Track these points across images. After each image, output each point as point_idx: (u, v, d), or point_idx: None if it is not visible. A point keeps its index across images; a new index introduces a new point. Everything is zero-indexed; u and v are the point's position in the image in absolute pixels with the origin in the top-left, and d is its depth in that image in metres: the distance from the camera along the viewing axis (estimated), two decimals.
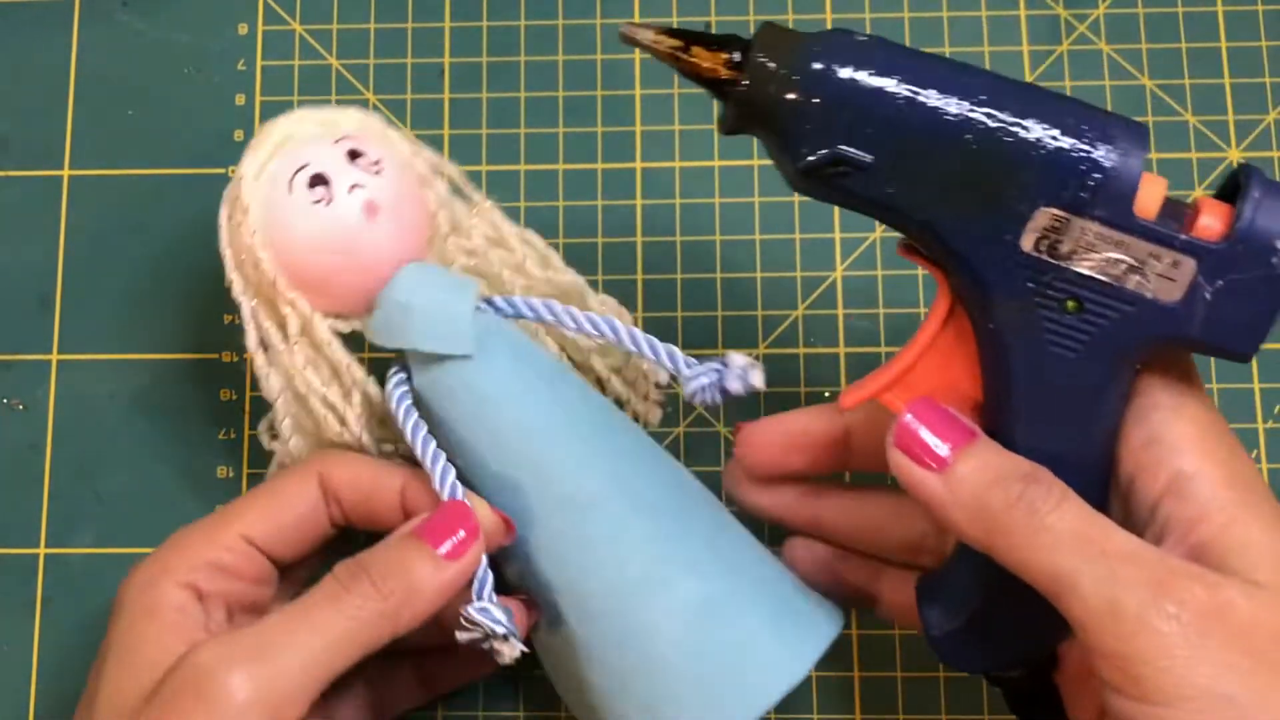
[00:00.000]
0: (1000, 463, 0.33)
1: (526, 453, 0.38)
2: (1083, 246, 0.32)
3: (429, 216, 0.41)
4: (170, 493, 0.47)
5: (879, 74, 0.32)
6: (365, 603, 0.35)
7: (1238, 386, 0.47)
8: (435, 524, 0.37)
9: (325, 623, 0.35)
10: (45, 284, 0.49)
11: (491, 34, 0.51)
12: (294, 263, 0.38)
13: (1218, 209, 0.33)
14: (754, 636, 0.38)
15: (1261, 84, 0.49)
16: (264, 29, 0.51)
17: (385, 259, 0.39)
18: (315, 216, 0.38)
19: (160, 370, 0.48)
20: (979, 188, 0.32)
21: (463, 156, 0.50)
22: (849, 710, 0.45)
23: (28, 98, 0.51)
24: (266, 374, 0.40)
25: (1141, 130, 0.32)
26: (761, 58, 0.33)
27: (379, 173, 0.39)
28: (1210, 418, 0.34)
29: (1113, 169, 0.32)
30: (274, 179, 0.39)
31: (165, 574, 0.37)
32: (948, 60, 0.34)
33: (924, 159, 0.32)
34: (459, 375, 0.38)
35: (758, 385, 0.40)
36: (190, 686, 0.33)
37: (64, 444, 0.48)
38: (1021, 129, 0.32)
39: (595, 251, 0.49)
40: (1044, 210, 0.32)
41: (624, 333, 0.40)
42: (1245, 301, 0.32)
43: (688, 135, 0.50)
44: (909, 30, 0.50)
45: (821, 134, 0.33)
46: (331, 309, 0.40)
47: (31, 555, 0.47)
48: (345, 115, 0.41)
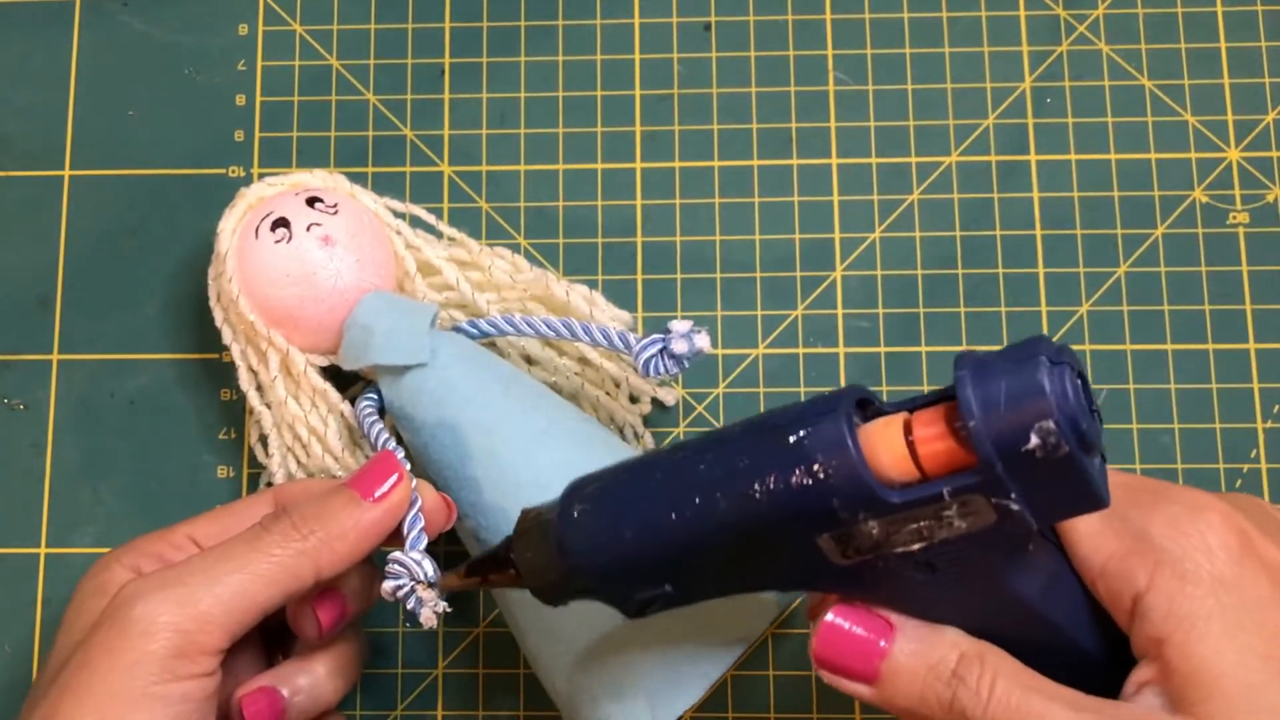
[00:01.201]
0: (926, 658, 0.33)
1: (485, 446, 0.41)
2: (883, 537, 0.30)
3: (392, 257, 0.44)
4: (170, 493, 0.47)
5: (614, 532, 0.33)
6: (285, 541, 0.37)
7: (1238, 386, 0.47)
8: (363, 473, 0.39)
9: (242, 557, 0.36)
10: (45, 284, 0.49)
11: (491, 34, 0.51)
12: (265, 300, 0.42)
13: (936, 426, 0.30)
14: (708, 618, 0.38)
15: (1261, 84, 0.49)
16: (264, 29, 0.51)
17: (345, 287, 0.42)
18: (278, 254, 0.42)
19: (160, 370, 0.48)
20: (765, 554, 0.32)
21: (463, 157, 0.50)
22: (849, 710, 0.45)
23: (28, 98, 0.51)
24: (259, 409, 0.44)
25: (840, 412, 0.30)
26: (524, 553, 0.35)
27: (336, 213, 0.43)
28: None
29: (837, 486, 0.30)
30: (245, 231, 0.43)
31: (114, 561, 0.39)
32: (666, 463, 0.33)
33: (704, 568, 0.33)
34: (420, 383, 0.41)
35: (703, 347, 0.41)
36: (111, 617, 0.35)
37: (64, 444, 0.48)
38: (747, 502, 0.31)
39: (595, 251, 0.49)
40: (823, 538, 0.31)
41: (577, 327, 0.43)
42: (1051, 485, 0.29)
43: (687, 135, 0.50)
44: (909, 30, 0.50)
45: (617, 588, 0.34)
46: (305, 344, 0.43)
47: (31, 555, 0.47)
48: (311, 176, 0.45)
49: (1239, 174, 0.49)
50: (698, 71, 0.50)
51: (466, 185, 0.49)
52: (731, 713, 0.45)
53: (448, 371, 0.41)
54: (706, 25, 0.51)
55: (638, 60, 0.50)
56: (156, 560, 0.38)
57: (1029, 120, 0.49)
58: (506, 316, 0.44)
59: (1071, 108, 0.49)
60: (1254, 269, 0.48)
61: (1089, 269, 0.48)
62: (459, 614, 0.45)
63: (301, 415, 0.43)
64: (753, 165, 0.49)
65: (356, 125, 0.50)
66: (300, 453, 0.44)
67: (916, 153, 0.49)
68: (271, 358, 0.43)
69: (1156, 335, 0.47)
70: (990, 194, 0.49)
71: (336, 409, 0.43)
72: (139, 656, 0.34)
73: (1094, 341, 0.47)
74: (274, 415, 0.44)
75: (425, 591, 0.38)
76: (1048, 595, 0.33)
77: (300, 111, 0.50)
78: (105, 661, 0.35)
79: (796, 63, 0.50)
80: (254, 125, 0.50)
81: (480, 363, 0.42)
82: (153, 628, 0.35)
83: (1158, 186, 0.49)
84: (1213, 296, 0.48)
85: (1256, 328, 0.47)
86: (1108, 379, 0.47)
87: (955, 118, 0.49)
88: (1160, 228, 0.48)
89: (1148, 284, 0.48)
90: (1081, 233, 0.48)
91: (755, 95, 0.50)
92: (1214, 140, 0.49)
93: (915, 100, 0.50)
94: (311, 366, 0.43)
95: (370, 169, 0.50)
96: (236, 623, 0.36)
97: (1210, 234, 0.48)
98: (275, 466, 0.44)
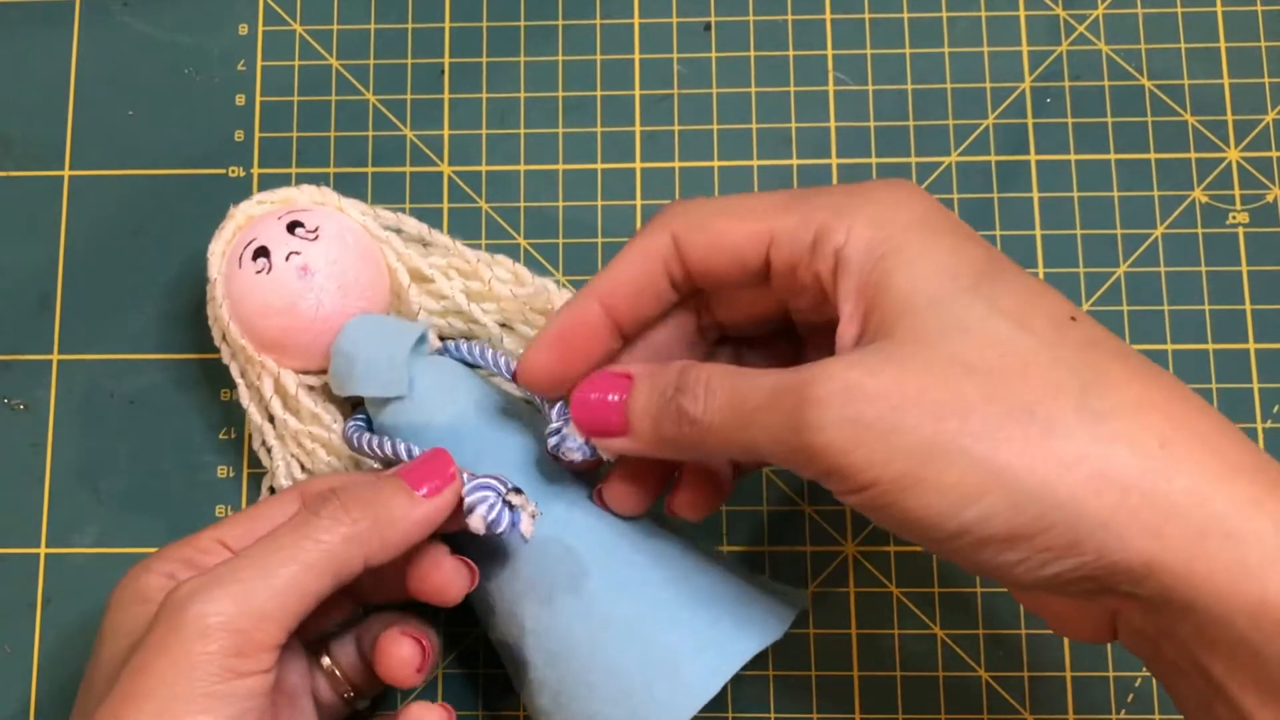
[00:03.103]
0: (654, 388, 0.36)
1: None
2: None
3: (382, 273, 0.44)
4: (170, 493, 0.47)
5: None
6: (334, 525, 0.36)
7: (1238, 386, 0.47)
8: (416, 467, 0.38)
9: (292, 546, 0.36)
10: (45, 284, 0.49)
11: (491, 34, 0.51)
12: (252, 328, 0.43)
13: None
14: (672, 653, 0.38)
15: (1261, 84, 0.49)
16: (264, 29, 0.51)
17: (326, 315, 0.42)
18: (259, 285, 0.42)
19: (160, 370, 0.48)
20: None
21: (463, 157, 0.50)
22: (849, 710, 0.45)
23: (28, 98, 0.51)
24: (260, 424, 0.45)
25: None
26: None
27: (316, 239, 0.43)
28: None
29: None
30: (232, 257, 0.43)
31: (146, 569, 0.38)
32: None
33: None
34: (402, 414, 0.41)
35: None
36: (165, 620, 0.35)
37: (64, 444, 0.48)
38: None
39: (595, 251, 0.49)
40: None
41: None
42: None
43: (687, 135, 0.50)
44: (909, 30, 0.50)
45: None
46: (297, 366, 0.44)
47: (31, 555, 0.47)
48: (300, 192, 0.45)
49: (1239, 174, 0.49)
50: (698, 71, 0.50)
51: (466, 185, 0.49)
52: (731, 713, 0.45)
53: (425, 403, 0.41)
54: (706, 25, 0.51)
55: (638, 60, 0.50)
56: (188, 566, 0.38)
57: (1029, 120, 0.49)
58: (494, 355, 0.42)
59: (1071, 108, 0.49)
60: (1254, 269, 0.48)
61: (1089, 269, 0.48)
62: (459, 614, 0.45)
63: (303, 429, 0.44)
64: (753, 165, 0.49)
65: (356, 125, 0.50)
66: (305, 459, 0.44)
67: (916, 153, 0.49)
68: (265, 381, 0.44)
69: (1156, 335, 0.47)
70: (990, 194, 0.49)
71: (331, 430, 0.44)
72: (198, 658, 0.34)
73: None
74: (276, 429, 0.44)
75: (516, 498, 0.38)
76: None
77: (300, 111, 0.50)
78: (163, 663, 0.34)
79: (796, 63, 0.50)
80: (254, 125, 0.50)
81: (459, 393, 0.42)
82: (209, 628, 0.34)
83: (1158, 186, 0.49)
84: (1213, 296, 0.48)
85: (1256, 328, 0.47)
86: None
87: (955, 118, 0.49)
88: (1160, 228, 0.48)
89: (1148, 284, 0.48)
90: (1081, 233, 0.48)
91: (755, 95, 0.50)
92: (1214, 140, 0.49)
93: (915, 100, 0.50)
94: (304, 388, 0.44)
95: (370, 169, 0.50)
96: (292, 616, 0.35)
97: (1210, 234, 0.48)
98: (281, 478, 0.44)
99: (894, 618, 0.46)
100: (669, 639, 0.38)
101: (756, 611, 0.39)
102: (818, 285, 0.35)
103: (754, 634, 0.38)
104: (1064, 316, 0.33)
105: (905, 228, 0.34)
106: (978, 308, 0.32)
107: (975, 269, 0.33)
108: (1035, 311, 0.33)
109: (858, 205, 0.35)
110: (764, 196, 0.37)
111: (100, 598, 0.38)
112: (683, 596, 0.38)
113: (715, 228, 0.36)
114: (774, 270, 0.36)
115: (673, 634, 0.38)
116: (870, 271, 0.34)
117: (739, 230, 0.36)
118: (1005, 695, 0.45)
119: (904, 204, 0.35)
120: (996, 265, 0.34)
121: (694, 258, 0.37)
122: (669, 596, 0.38)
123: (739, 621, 0.38)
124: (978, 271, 0.33)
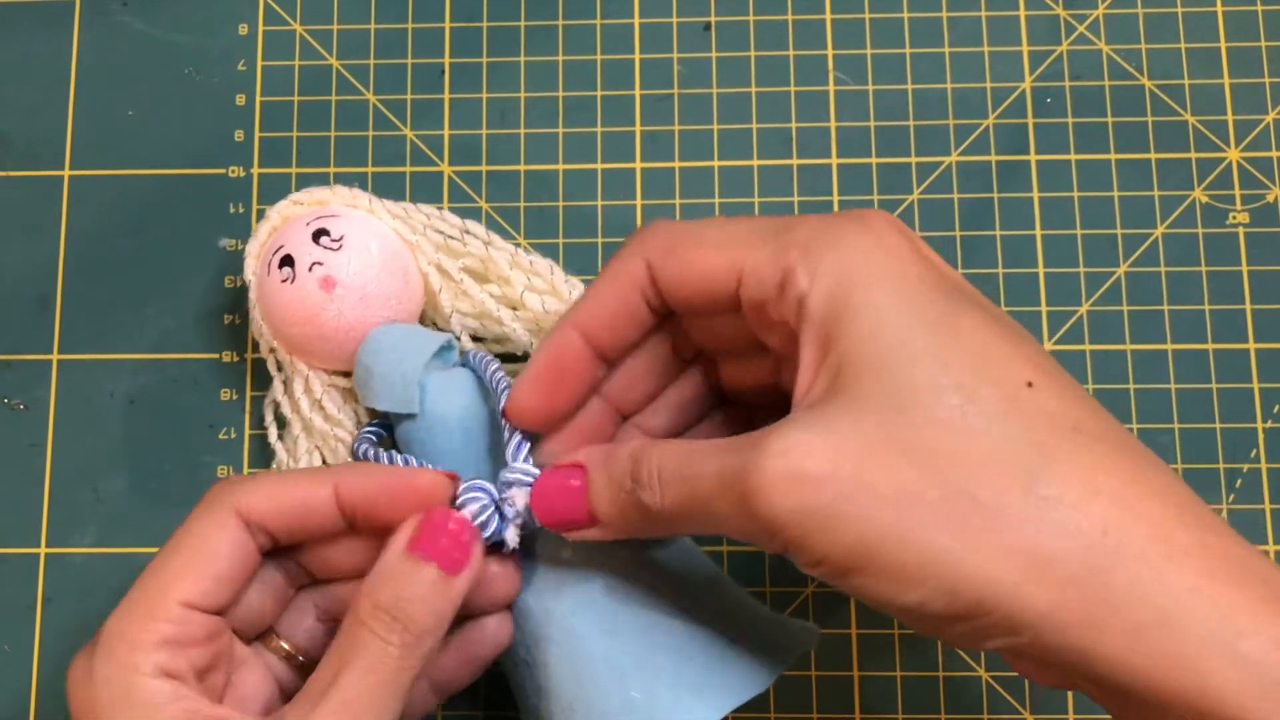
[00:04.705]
0: (610, 481, 0.35)
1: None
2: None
3: (410, 278, 0.44)
4: (170, 493, 0.47)
5: None
6: (391, 636, 0.35)
7: (1238, 386, 0.47)
8: (425, 534, 0.37)
9: (372, 679, 0.35)
10: (45, 284, 0.49)
11: (491, 34, 0.51)
12: (280, 333, 0.44)
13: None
14: (651, 703, 0.37)
15: (1261, 84, 0.49)
16: (264, 29, 0.51)
17: (348, 325, 0.43)
18: (285, 294, 0.43)
19: (160, 370, 0.48)
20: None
21: (463, 157, 0.50)
22: (849, 710, 0.45)
23: (28, 98, 0.51)
24: (291, 418, 0.45)
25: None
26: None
27: (339, 249, 0.43)
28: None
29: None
30: (263, 260, 0.44)
31: (132, 670, 0.35)
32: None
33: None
34: (413, 430, 0.42)
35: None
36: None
37: (64, 444, 0.48)
38: None
39: (595, 251, 0.49)
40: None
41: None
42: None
43: (687, 135, 0.50)
44: (909, 30, 0.50)
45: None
46: (327, 367, 0.45)
47: (31, 555, 0.47)
48: (334, 194, 0.45)
49: (1239, 174, 0.49)
50: (698, 71, 0.50)
51: (466, 185, 0.49)
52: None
53: (433, 423, 0.41)
54: (706, 25, 0.51)
55: (638, 60, 0.50)
56: (172, 651, 0.35)
57: (1029, 120, 0.49)
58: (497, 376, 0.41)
59: (1072, 108, 0.49)
60: (1254, 269, 0.48)
61: (1089, 269, 0.48)
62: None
63: (328, 429, 0.44)
64: (753, 165, 0.49)
65: (356, 125, 0.50)
66: (329, 456, 0.45)
67: (916, 153, 0.49)
68: (295, 381, 0.45)
69: (1156, 335, 0.47)
70: (990, 194, 0.49)
71: (353, 434, 0.44)
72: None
73: (1094, 341, 0.47)
74: (301, 421, 0.45)
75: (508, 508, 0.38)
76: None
77: (300, 111, 0.50)
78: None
79: (796, 63, 0.50)
80: (254, 125, 0.50)
81: (469, 418, 0.41)
82: None
83: (1158, 186, 0.49)
84: (1213, 296, 0.48)
85: (1256, 328, 0.47)
86: (1108, 379, 0.47)
87: (955, 118, 0.49)
88: (1160, 228, 0.48)
89: (1148, 284, 0.48)
90: (1081, 233, 0.48)
91: (755, 95, 0.50)
92: (1214, 140, 0.49)
93: (915, 100, 0.50)
94: (332, 389, 0.45)
95: (370, 169, 0.50)
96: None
97: (1210, 234, 0.48)
98: (303, 455, 0.45)
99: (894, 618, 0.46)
100: (652, 688, 0.38)
101: (742, 665, 0.39)
102: (786, 326, 0.35)
103: (735, 687, 0.38)
104: (1018, 384, 0.32)
105: (867, 280, 0.33)
106: (926, 375, 0.32)
107: (930, 327, 0.33)
108: (986, 380, 0.32)
109: (828, 245, 0.34)
110: (740, 224, 0.36)
111: (100, 598, 0.38)
112: (673, 642, 0.38)
113: (688, 256, 0.36)
114: (744, 305, 0.36)
115: (656, 683, 0.38)
116: (830, 324, 0.33)
117: (711, 261, 0.35)
118: (1005, 695, 0.45)
119: (871, 251, 0.34)
120: (953, 322, 0.33)
121: (667, 286, 0.36)
122: (657, 642, 0.38)
123: (724, 671, 0.38)
124: (932, 329, 0.33)
